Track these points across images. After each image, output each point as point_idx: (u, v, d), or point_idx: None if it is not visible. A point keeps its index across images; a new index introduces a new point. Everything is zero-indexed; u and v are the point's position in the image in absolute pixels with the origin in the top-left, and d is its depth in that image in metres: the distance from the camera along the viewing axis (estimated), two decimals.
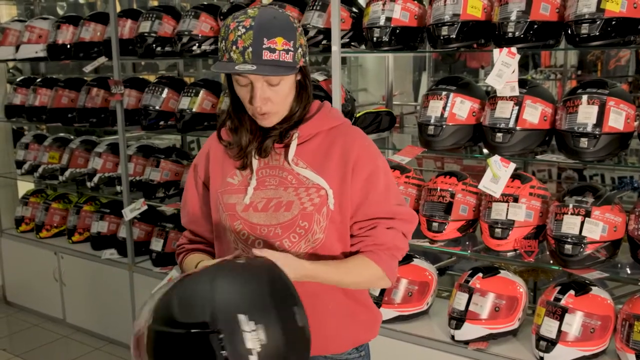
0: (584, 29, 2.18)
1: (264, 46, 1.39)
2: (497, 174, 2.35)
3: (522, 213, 2.40)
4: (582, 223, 2.23)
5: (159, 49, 3.40)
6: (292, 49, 1.42)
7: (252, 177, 1.53)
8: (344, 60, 6.32)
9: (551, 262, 2.37)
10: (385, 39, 2.61)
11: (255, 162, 1.54)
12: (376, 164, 1.55)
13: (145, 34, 3.39)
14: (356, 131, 1.59)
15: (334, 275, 1.50)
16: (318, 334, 1.51)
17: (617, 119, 2.20)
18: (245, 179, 1.55)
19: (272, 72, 1.40)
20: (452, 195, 2.57)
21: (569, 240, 2.24)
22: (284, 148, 1.54)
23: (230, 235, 1.56)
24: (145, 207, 3.50)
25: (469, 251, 2.62)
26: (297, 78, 1.51)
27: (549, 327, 2.24)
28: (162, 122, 3.47)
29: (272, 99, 1.45)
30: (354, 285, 1.56)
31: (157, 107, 3.44)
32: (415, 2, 2.63)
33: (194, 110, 3.28)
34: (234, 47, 1.40)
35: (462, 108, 2.50)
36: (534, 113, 2.35)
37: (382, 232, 1.54)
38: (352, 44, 2.84)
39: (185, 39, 3.23)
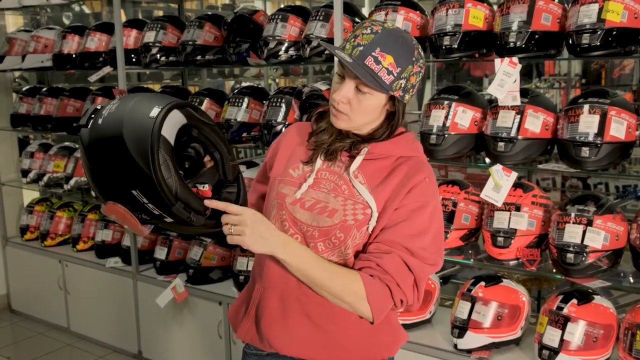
0: (585, 39, 2.19)
1: (373, 53, 1.43)
2: (499, 182, 2.36)
3: (524, 222, 2.40)
4: (584, 232, 2.23)
5: (163, 58, 3.43)
6: (395, 74, 1.44)
7: (311, 175, 1.56)
8: None
9: (553, 270, 2.37)
10: None
11: (319, 162, 1.57)
12: (429, 202, 1.50)
13: (150, 44, 3.42)
14: (425, 166, 1.55)
15: (311, 270, 1.44)
16: (335, 342, 1.54)
17: (619, 128, 2.21)
18: (304, 175, 1.58)
19: (360, 75, 1.42)
20: (455, 204, 2.58)
21: (570, 249, 2.25)
22: (349, 158, 1.56)
23: (273, 221, 1.57)
24: None
25: (471, 260, 2.63)
26: (387, 107, 1.52)
27: (552, 336, 2.24)
28: None
29: (352, 104, 1.48)
30: (327, 295, 1.47)
31: None
32: (418, 12, 2.65)
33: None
34: (352, 39, 1.47)
35: (464, 117, 2.52)
36: (536, 122, 2.36)
37: (391, 260, 1.45)
38: None
39: (189, 49, 3.25)
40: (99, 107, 1.37)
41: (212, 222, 1.44)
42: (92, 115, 1.36)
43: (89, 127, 1.35)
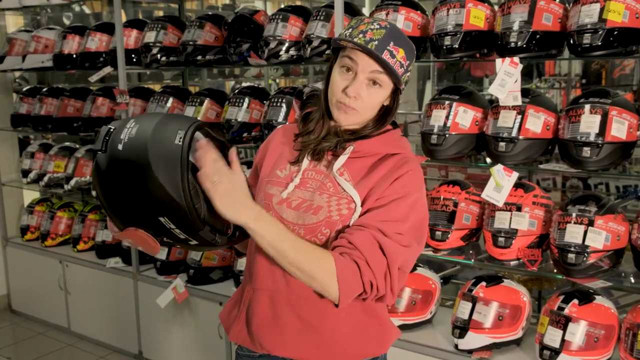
0: (586, 39, 2.19)
1: (388, 47, 1.45)
2: (500, 183, 2.36)
3: (525, 222, 2.40)
4: (585, 232, 2.23)
5: (163, 58, 3.42)
6: (404, 66, 1.48)
7: (297, 175, 1.57)
8: None
9: (554, 271, 2.37)
10: None
11: (305, 162, 1.57)
12: (411, 193, 1.49)
13: (151, 44, 3.42)
14: (411, 160, 1.54)
15: (282, 244, 1.38)
16: (326, 340, 1.53)
17: (620, 128, 2.21)
18: (290, 175, 1.58)
19: (385, 66, 1.44)
20: (455, 204, 2.58)
21: (572, 249, 2.24)
22: (335, 157, 1.56)
23: None
24: None
25: (472, 260, 2.62)
26: (385, 101, 1.53)
27: (553, 337, 2.24)
28: None
29: (363, 99, 1.49)
30: (295, 272, 1.41)
31: None
32: (418, 12, 2.65)
33: (198, 119, 3.28)
34: (360, 35, 1.46)
35: (465, 117, 2.51)
36: (537, 122, 2.36)
37: (362, 236, 1.43)
38: None
39: (190, 49, 3.25)
40: (112, 129, 1.32)
41: (233, 240, 1.44)
42: (106, 138, 1.31)
43: (106, 152, 1.30)
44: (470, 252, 2.64)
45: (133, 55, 3.57)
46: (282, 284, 1.53)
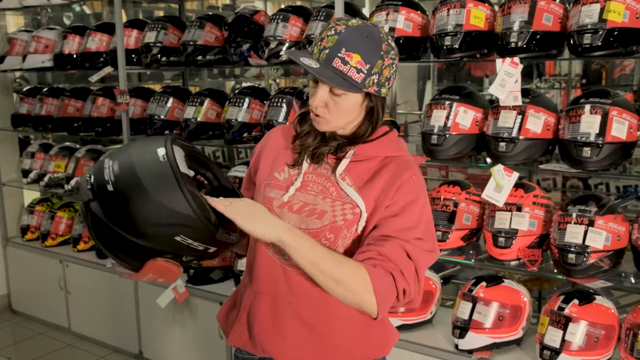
0: (586, 39, 2.19)
1: (339, 54, 1.41)
2: (500, 183, 2.36)
3: (526, 222, 2.40)
4: (586, 232, 2.23)
5: (164, 58, 3.43)
6: (365, 71, 1.42)
7: (298, 178, 1.56)
8: None
9: (555, 271, 2.37)
10: None
11: (305, 165, 1.56)
12: (418, 197, 1.51)
13: (151, 44, 3.42)
14: (411, 164, 1.56)
15: (317, 256, 1.40)
16: (329, 344, 1.53)
17: (620, 128, 2.21)
18: (290, 178, 1.57)
19: (328, 79, 1.41)
20: (456, 204, 2.58)
21: (572, 249, 2.24)
22: (336, 160, 1.55)
23: None
24: None
25: (472, 260, 2.62)
26: (365, 103, 1.51)
27: (553, 337, 2.24)
28: (167, 132, 3.50)
29: (329, 107, 1.47)
30: (332, 285, 1.42)
31: (162, 117, 3.46)
32: (419, 12, 2.65)
33: (198, 119, 3.30)
34: (319, 43, 1.45)
35: (465, 117, 2.51)
36: (537, 122, 2.36)
37: (392, 247, 1.44)
38: None
39: (190, 49, 3.25)
40: (87, 178, 1.30)
41: (242, 233, 1.44)
42: (89, 187, 1.28)
43: (97, 199, 1.28)
44: (471, 252, 2.64)
45: (133, 55, 3.57)
46: (284, 287, 1.53)
